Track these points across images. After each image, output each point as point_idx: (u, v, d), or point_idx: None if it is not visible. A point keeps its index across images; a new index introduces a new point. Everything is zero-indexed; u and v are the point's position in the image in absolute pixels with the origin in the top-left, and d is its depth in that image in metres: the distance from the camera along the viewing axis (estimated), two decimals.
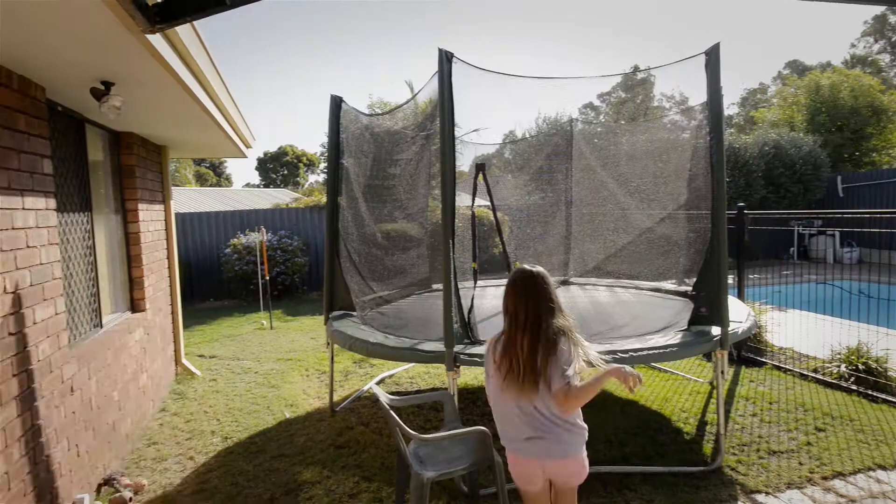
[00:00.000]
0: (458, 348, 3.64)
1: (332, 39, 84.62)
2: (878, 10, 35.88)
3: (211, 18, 2.35)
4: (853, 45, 41.12)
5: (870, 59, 37.37)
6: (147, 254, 5.35)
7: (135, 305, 5.15)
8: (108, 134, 4.86)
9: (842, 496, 3.41)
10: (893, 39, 38.56)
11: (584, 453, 2.39)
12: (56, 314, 3.25)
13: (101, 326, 4.32)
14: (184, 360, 6.42)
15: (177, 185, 26.91)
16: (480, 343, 3.84)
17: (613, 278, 6.08)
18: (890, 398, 4.78)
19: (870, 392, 4.93)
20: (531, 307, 2.32)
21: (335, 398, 5.38)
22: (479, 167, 3.83)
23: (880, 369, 5.05)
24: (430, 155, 5.47)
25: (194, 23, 2.86)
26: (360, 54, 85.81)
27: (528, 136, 8.00)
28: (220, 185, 44.72)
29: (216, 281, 11.89)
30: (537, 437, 2.33)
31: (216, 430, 4.82)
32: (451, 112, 3.57)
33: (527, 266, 2.44)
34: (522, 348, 2.28)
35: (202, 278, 12.03)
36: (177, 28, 2.55)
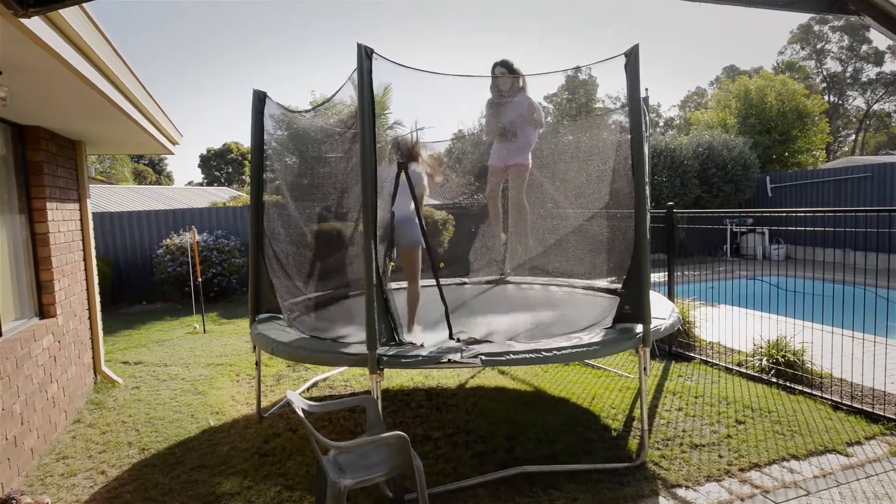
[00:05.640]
0: (382, 350, 3.54)
1: (278, 37, 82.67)
2: (804, 18, 37.81)
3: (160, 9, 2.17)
4: (781, 53, 43.24)
5: (797, 65, 39.42)
6: (58, 256, 5.02)
7: (43, 311, 4.82)
8: (11, 128, 4.52)
9: (757, 487, 3.51)
10: (818, 47, 40.78)
11: None
12: None
13: (0, 335, 4.00)
14: (104, 368, 6.07)
15: (111, 183, 25.69)
16: (406, 345, 3.75)
17: (549, 276, 6.10)
18: (806, 390, 4.97)
19: (788, 384, 5.12)
20: None
21: (265, 404, 5.20)
22: (401, 166, 3.73)
23: (798, 362, 5.24)
24: None
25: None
26: (313, 50, 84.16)
27: (470, 134, 7.95)
28: (160, 183, 43.04)
29: (148, 283, 11.43)
30: None
31: (134, 441, 4.56)
32: (371, 109, 3.45)
33: None
34: None
35: (133, 280, 11.54)
36: (62, 11, 2.35)
